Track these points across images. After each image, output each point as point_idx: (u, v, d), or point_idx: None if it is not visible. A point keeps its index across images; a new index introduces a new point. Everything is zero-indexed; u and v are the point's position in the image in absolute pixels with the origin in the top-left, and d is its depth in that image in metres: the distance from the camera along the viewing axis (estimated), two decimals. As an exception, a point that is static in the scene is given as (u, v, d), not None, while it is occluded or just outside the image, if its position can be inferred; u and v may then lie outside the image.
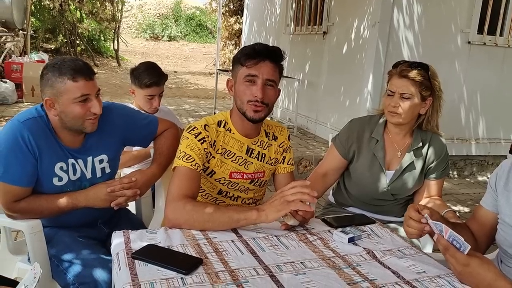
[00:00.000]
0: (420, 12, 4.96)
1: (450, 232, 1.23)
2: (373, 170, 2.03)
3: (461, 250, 1.22)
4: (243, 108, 1.67)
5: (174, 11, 23.28)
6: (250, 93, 1.64)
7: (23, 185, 1.65)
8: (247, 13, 9.64)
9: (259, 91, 1.63)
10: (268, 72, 1.64)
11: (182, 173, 1.62)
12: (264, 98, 1.64)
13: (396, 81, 1.92)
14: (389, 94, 1.95)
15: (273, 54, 1.66)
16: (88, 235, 1.82)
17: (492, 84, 5.43)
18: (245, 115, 1.68)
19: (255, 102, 1.64)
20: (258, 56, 1.63)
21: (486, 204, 1.57)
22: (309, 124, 6.44)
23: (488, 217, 1.56)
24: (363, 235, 1.55)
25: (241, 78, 1.66)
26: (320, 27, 6.14)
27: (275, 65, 1.67)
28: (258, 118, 1.68)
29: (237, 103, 1.70)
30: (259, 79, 1.63)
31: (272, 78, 1.66)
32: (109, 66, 15.16)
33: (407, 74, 1.90)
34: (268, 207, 1.47)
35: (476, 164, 5.69)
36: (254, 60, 1.63)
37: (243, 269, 1.25)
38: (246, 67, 1.64)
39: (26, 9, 9.48)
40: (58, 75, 1.61)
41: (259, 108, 1.65)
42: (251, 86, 1.64)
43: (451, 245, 1.23)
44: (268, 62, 1.64)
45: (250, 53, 1.65)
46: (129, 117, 1.93)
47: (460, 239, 1.21)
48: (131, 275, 1.18)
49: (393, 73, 1.95)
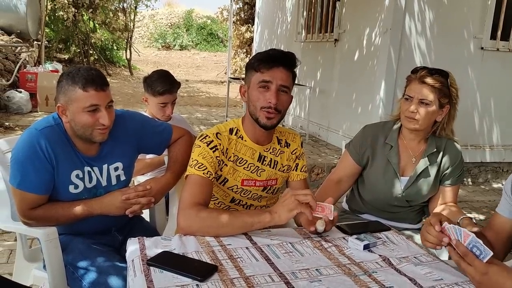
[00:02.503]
0: (432, 19, 4.94)
1: (472, 238, 1.19)
2: (387, 176, 2.02)
3: (481, 257, 1.18)
4: (256, 114, 1.67)
5: (186, 20, 23.49)
6: (263, 99, 1.64)
7: (40, 193, 1.67)
8: (258, 22, 9.68)
9: (273, 97, 1.62)
10: (282, 78, 1.64)
11: (194, 181, 1.62)
12: (277, 105, 1.63)
13: (415, 86, 1.91)
14: (406, 98, 1.93)
15: (287, 60, 1.66)
16: (103, 243, 1.83)
17: (506, 90, 5.38)
18: (257, 121, 1.67)
19: (268, 109, 1.63)
20: (272, 62, 1.63)
21: (502, 211, 1.54)
22: (321, 131, 6.42)
23: (504, 224, 1.53)
24: (378, 242, 1.54)
25: (255, 83, 1.66)
26: (332, 34, 6.15)
27: (288, 71, 1.66)
28: (270, 124, 1.67)
29: (250, 109, 1.70)
30: (273, 85, 1.63)
31: (286, 84, 1.65)
32: (121, 76, 15.31)
33: (426, 80, 1.88)
34: (280, 208, 1.48)
35: (490, 171, 5.62)
36: (268, 66, 1.63)
37: (258, 276, 1.24)
38: (260, 72, 1.64)
39: (40, 20, 9.64)
40: (71, 83, 1.63)
41: (272, 115, 1.65)
42: (264, 92, 1.64)
43: (470, 252, 1.20)
44: (282, 68, 1.64)
45: (264, 58, 1.64)
46: (143, 125, 1.95)
47: (481, 246, 1.18)
48: (147, 281, 1.18)
49: (412, 78, 1.94)
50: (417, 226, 2.16)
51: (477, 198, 4.95)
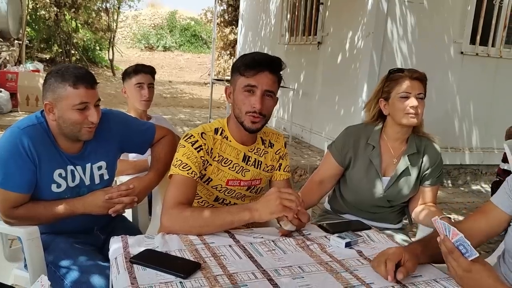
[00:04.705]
0: (414, 23, 5.03)
1: (460, 237, 1.22)
2: (369, 177, 2.05)
3: (466, 255, 1.21)
4: (241, 118, 1.67)
5: (169, 21, 23.36)
6: (248, 104, 1.64)
7: (22, 191, 1.65)
8: (242, 24, 9.71)
9: (258, 102, 1.62)
10: (267, 83, 1.64)
11: (178, 182, 1.63)
12: (262, 109, 1.64)
13: (410, 83, 1.95)
14: (402, 96, 1.96)
15: (273, 64, 1.66)
16: (85, 242, 1.82)
17: (485, 94, 5.50)
18: (242, 124, 1.68)
19: (253, 113, 1.64)
20: (258, 66, 1.62)
21: (501, 204, 1.52)
22: (304, 133, 6.47)
23: (498, 215, 1.53)
24: (359, 240, 1.57)
25: (240, 87, 1.66)
26: (315, 37, 6.20)
27: (274, 76, 1.66)
28: (255, 128, 1.68)
29: (235, 111, 1.70)
30: (258, 90, 1.63)
31: (271, 89, 1.66)
32: (104, 76, 15.16)
33: (418, 76, 1.97)
34: (262, 207, 1.49)
35: (469, 173, 5.73)
36: (253, 71, 1.62)
37: (242, 273, 1.26)
38: (245, 77, 1.64)
39: (21, 19, 9.51)
40: (61, 81, 1.63)
41: (257, 120, 1.66)
42: (250, 96, 1.64)
43: (456, 249, 1.22)
44: (267, 72, 1.64)
45: (250, 63, 1.64)
46: (127, 124, 1.95)
47: (468, 245, 1.20)
48: (130, 278, 1.18)
49: (402, 77, 1.97)
50: (397, 226, 2.20)
51: (457, 200, 5.05)
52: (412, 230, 2.94)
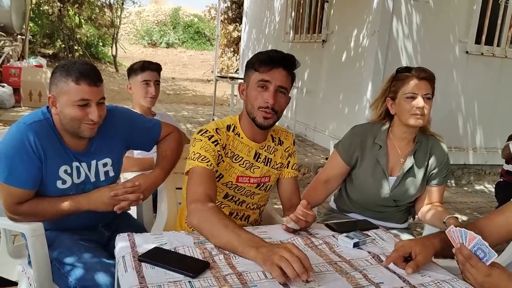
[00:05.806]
0: (419, 22, 5.01)
1: (477, 240, 1.21)
2: (376, 176, 2.04)
3: (484, 259, 1.21)
4: (253, 114, 1.68)
5: (172, 18, 23.35)
6: (261, 99, 1.65)
7: (27, 187, 1.64)
8: (246, 21, 9.69)
9: (271, 97, 1.63)
10: (281, 79, 1.65)
11: (199, 173, 1.61)
12: (275, 105, 1.65)
13: (417, 83, 1.93)
14: (408, 97, 1.94)
15: (287, 61, 1.68)
16: (90, 239, 1.81)
17: (489, 94, 5.48)
18: (254, 120, 1.69)
19: (265, 109, 1.65)
20: (273, 62, 1.64)
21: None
22: (307, 131, 6.45)
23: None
24: (367, 239, 1.56)
25: (254, 82, 1.67)
26: (319, 35, 6.18)
27: (288, 73, 1.68)
28: (267, 124, 1.69)
29: (248, 107, 1.71)
30: (272, 85, 1.64)
31: (285, 85, 1.67)
32: (107, 72, 15.14)
33: (426, 76, 1.93)
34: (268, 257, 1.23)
35: (473, 173, 5.72)
36: (268, 66, 1.64)
37: (251, 272, 1.24)
38: (260, 72, 1.65)
39: (25, 14, 9.48)
40: (65, 75, 1.61)
41: (269, 115, 1.66)
42: (263, 92, 1.65)
43: (474, 255, 1.22)
44: (281, 69, 1.66)
45: (264, 59, 1.66)
46: (132, 120, 1.93)
47: (486, 248, 1.20)
48: (139, 277, 1.17)
49: (408, 76, 1.95)
50: (403, 225, 2.18)
51: (460, 200, 5.03)
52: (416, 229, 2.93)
